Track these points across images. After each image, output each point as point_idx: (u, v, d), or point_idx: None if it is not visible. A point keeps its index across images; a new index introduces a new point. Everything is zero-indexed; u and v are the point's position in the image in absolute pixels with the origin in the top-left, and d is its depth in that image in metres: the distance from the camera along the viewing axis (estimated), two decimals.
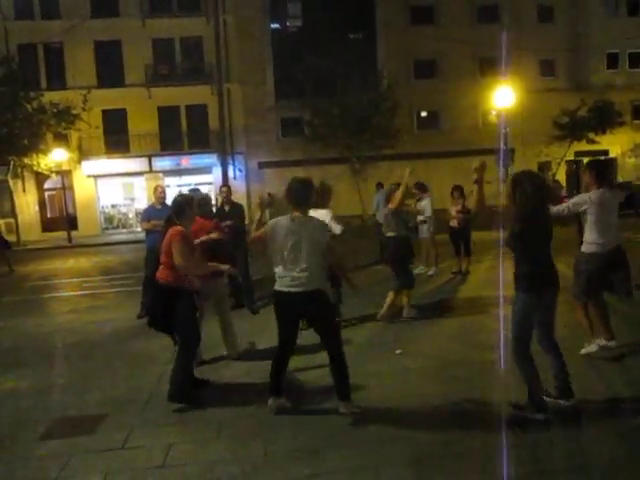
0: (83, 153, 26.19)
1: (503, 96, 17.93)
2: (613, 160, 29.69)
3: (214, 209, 9.11)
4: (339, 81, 23.53)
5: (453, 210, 10.00)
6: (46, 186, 27.08)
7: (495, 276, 8.24)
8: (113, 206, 28.01)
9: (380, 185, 14.38)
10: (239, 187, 24.21)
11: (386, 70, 26.68)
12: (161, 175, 26.02)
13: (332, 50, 24.01)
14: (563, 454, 3.51)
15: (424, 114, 30.37)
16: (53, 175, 24.27)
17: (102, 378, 5.41)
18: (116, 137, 26.55)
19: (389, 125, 24.75)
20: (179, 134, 27.34)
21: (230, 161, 24.98)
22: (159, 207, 8.17)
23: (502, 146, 18.68)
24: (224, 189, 8.56)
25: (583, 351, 5.06)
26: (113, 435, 4.09)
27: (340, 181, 22.70)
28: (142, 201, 25.49)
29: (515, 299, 4.00)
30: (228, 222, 7.83)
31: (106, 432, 4.17)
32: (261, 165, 27.82)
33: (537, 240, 3.89)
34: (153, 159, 26.64)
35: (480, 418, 4.03)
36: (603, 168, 5.05)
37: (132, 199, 27.71)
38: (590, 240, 4.92)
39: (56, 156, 23.15)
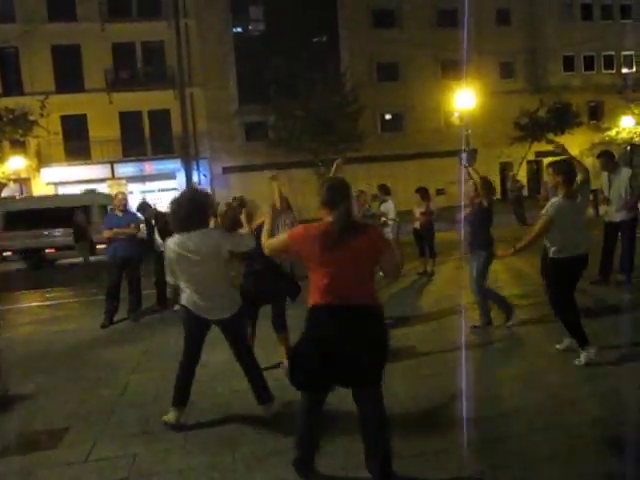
0: (42, 160, 25.57)
1: (464, 98, 18.24)
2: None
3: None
4: (303, 84, 23.58)
5: (417, 212, 10.12)
6: (4, 194, 26.25)
7: (460, 276, 8.35)
8: None
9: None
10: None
11: (349, 73, 26.88)
12: (124, 181, 25.60)
13: (295, 53, 24.06)
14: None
15: (388, 117, 30.70)
16: (11, 183, 23.58)
17: (64, 390, 5.26)
18: (77, 143, 26.03)
19: (353, 128, 24.93)
20: (142, 140, 26.95)
21: (194, 166, 24.71)
22: (120, 214, 8.03)
23: (463, 147, 19.02)
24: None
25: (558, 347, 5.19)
26: (76, 448, 3.98)
27: (306, 185, 22.75)
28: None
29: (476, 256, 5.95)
30: None
31: (69, 445, 4.06)
32: (225, 170, 27.67)
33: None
34: (115, 165, 26.21)
35: (448, 416, 4.07)
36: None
37: None
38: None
39: (14, 164, 22.51)
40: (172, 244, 4.08)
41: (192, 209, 4.06)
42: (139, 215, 8.88)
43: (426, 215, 9.86)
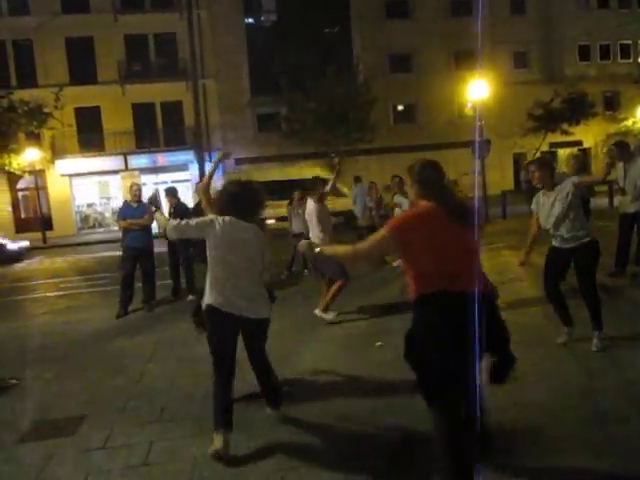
0: (57, 152, 25.76)
1: (477, 89, 18.06)
2: (587, 150, 30.23)
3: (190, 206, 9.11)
4: (315, 75, 23.50)
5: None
6: (19, 186, 26.60)
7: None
8: (89, 205, 27.63)
9: (358, 179, 14.40)
10: (216, 184, 24.00)
11: (362, 64, 26.73)
12: (137, 173, 25.68)
13: (307, 45, 23.98)
14: None
15: (400, 108, 30.52)
16: (26, 175, 23.82)
17: (81, 379, 5.34)
18: (90, 135, 26.18)
19: (366, 119, 24.82)
20: (155, 131, 27.07)
21: (207, 158, 24.76)
22: (135, 205, 8.11)
23: (477, 138, 18.87)
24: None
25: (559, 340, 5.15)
26: (94, 435, 4.05)
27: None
28: (118, 200, 25.17)
29: None
30: None
31: (86, 433, 4.13)
32: (238, 161, 27.69)
33: None
34: (129, 157, 26.34)
35: None
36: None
37: (108, 198, 27.37)
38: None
39: (29, 155, 22.71)
40: (228, 222, 3.71)
41: (252, 199, 3.87)
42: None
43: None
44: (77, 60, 26.11)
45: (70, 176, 26.45)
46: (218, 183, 7.04)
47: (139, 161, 26.51)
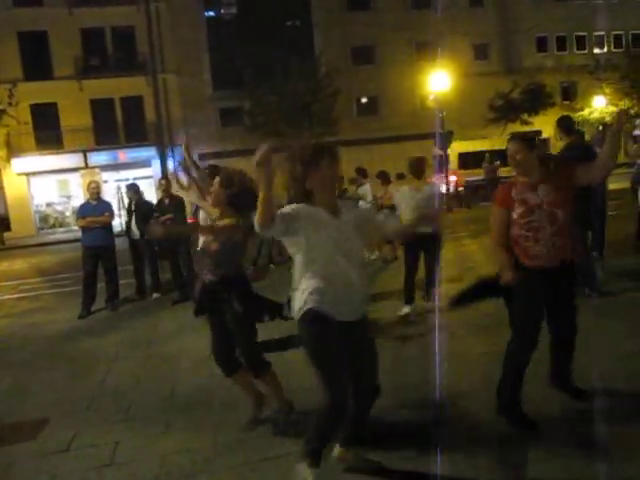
0: (13, 150, 24.98)
1: (438, 80, 18.28)
2: (546, 140, 30.92)
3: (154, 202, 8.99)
4: (277, 69, 23.38)
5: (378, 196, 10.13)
6: None
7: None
8: (48, 204, 26.88)
9: None
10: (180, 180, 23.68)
11: (324, 57, 26.70)
12: (98, 170, 25.13)
13: (269, 38, 23.82)
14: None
15: (364, 100, 30.62)
16: None
17: (43, 381, 5.22)
18: (47, 132, 25.46)
19: (329, 112, 24.83)
20: (115, 127, 26.49)
21: (170, 154, 24.44)
22: (94, 203, 7.94)
23: (438, 130, 19.12)
24: (163, 182, 8.39)
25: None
26: (57, 438, 3.97)
27: (280, 170, 22.60)
28: (80, 198, 24.62)
29: None
30: (169, 215, 7.74)
31: (50, 435, 4.04)
32: (202, 156, 27.30)
33: None
34: (88, 154, 25.74)
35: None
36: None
37: (68, 196, 26.67)
38: None
39: None
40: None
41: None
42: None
43: (381, 198, 9.71)
44: (31, 55, 25.31)
45: (27, 175, 25.69)
46: (180, 174, 6.97)
47: (99, 158, 25.93)
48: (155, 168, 24.78)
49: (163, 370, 5.20)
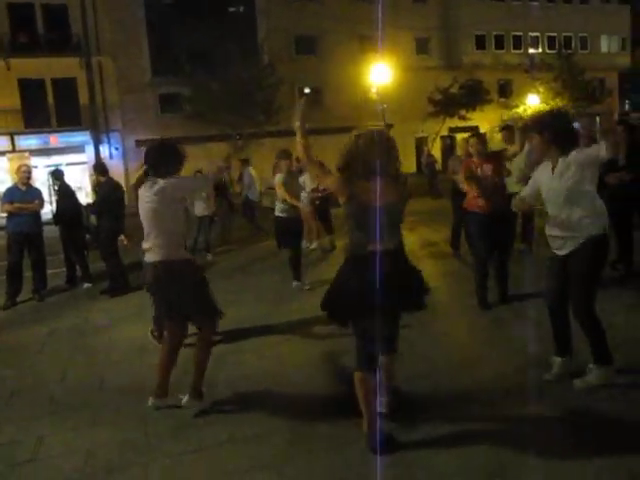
0: None
1: (380, 73, 18.44)
2: (484, 135, 31.84)
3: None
4: (219, 56, 22.91)
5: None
6: None
7: None
8: None
9: (246, 162, 13.89)
10: (116, 166, 22.88)
11: (267, 45, 26.38)
12: (27, 154, 23.85)
13: (211, 24, 23.28)
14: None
15: (307, 90, 30.49)
16: None
17: None
18: None
19: (271, 101, 24.60)
20: (45, 110, 25.16)
21: (105, 139, 23.59)
22: (23, 188, 7.52)
23: (384, 122, 19.31)
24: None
25: None
26: None
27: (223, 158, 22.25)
28: (6, 183, 23.34)
29: None
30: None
31: None
32: (139, 143, 26.46)
33: None
34: (16, 137, 24.39)
35: None
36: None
37: None
38: None
39: None
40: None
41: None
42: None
43: (319, 191, 9.51)
44: None
45: None
46: (114, 161, 6.69)
47: (28, 142, 24.63)
48: (89, 154, 23.79)
49: (92, 361, 5.00)
